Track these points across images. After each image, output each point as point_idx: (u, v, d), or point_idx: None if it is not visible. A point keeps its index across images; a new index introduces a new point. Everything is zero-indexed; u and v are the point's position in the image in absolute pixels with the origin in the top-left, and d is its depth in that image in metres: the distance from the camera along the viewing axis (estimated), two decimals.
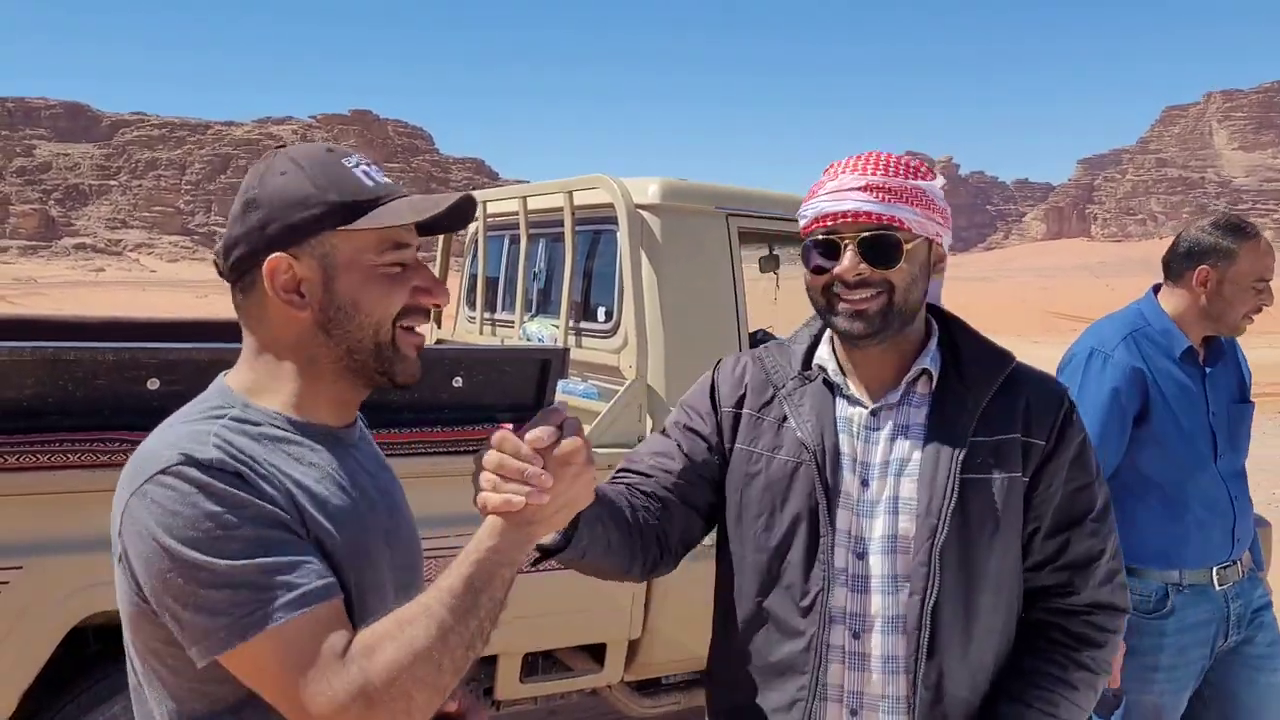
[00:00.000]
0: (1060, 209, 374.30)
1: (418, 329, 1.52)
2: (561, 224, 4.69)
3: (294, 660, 1.27)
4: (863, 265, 1.82)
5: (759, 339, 6.11)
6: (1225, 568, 3.18)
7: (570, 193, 4.62)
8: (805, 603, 1.88)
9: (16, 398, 3.00)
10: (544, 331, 4.94)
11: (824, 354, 1.98)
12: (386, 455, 3.55)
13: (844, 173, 1.86)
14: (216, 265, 1.50)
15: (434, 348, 5.09)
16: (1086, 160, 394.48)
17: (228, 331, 4.79)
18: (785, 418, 1.96)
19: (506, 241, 5.57)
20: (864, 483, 1.89)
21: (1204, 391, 3.18)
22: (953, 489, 1.81)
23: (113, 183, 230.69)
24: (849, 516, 1.88)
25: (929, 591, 1.81)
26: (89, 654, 3.30)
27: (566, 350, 3.97)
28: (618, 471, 2.04)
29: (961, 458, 1.82)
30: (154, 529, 1.29)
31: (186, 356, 3.15)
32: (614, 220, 4.36)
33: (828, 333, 1.99)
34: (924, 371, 1.91)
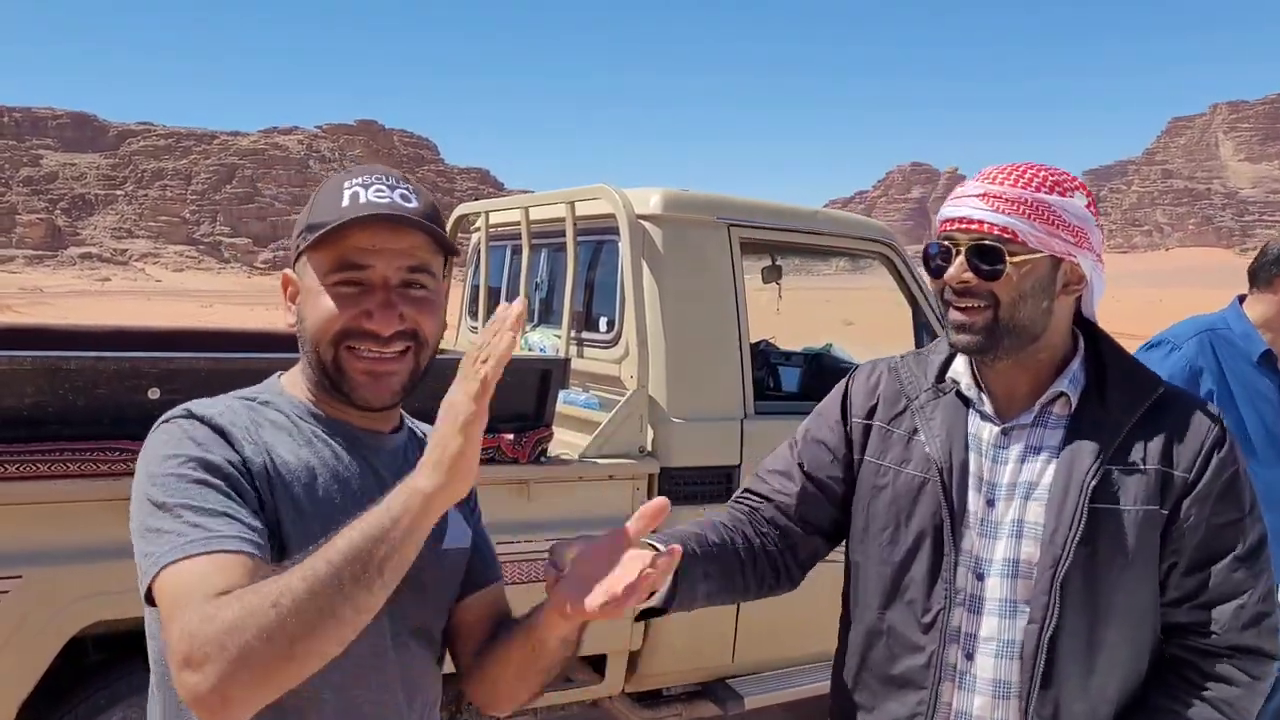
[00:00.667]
0: None
1: (369, 353, 1.49)
2: (563, 234, 4.69)
3: (174, 596, 1.28)
4: (967, 273, 1.79)
5: (761, 350, 6.11)
6: None
7: (572, 203, 4.62)
8: (927, 619, 1.87)
9: (17, 406, 3.00)
10: (546, 341, 4.94)
11: (959, 367, 1.95)
12: None
13: (974, 180, 1.85)
14: None
15: (436, 358, 5.09)
16: (1092, 171, 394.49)
17: (230, 341, 4.80)
18: (916, 430, 1.93)
19: (508, 252, 5.57)
20: (989, 503, 1.85)
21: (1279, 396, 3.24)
22: (1080, 517, 1.75)
23: (119, 192, 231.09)
24: (972, 537, 1.85)
25: (1048, 620, 1.77)
26: (88, 664, 3.30)
27: (567, 360, 3.98)
28: (743, 491, 2.10)
29: (1093, 486, 1.76)
30: (141, 464, 1.45)
31: (188, 366, 3.15)
32: (616, 231, 4.36)
33: None
34: (1061, 394, 1.85)
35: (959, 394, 1.93)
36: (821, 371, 5.88)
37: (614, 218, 4.32)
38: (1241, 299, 3.40)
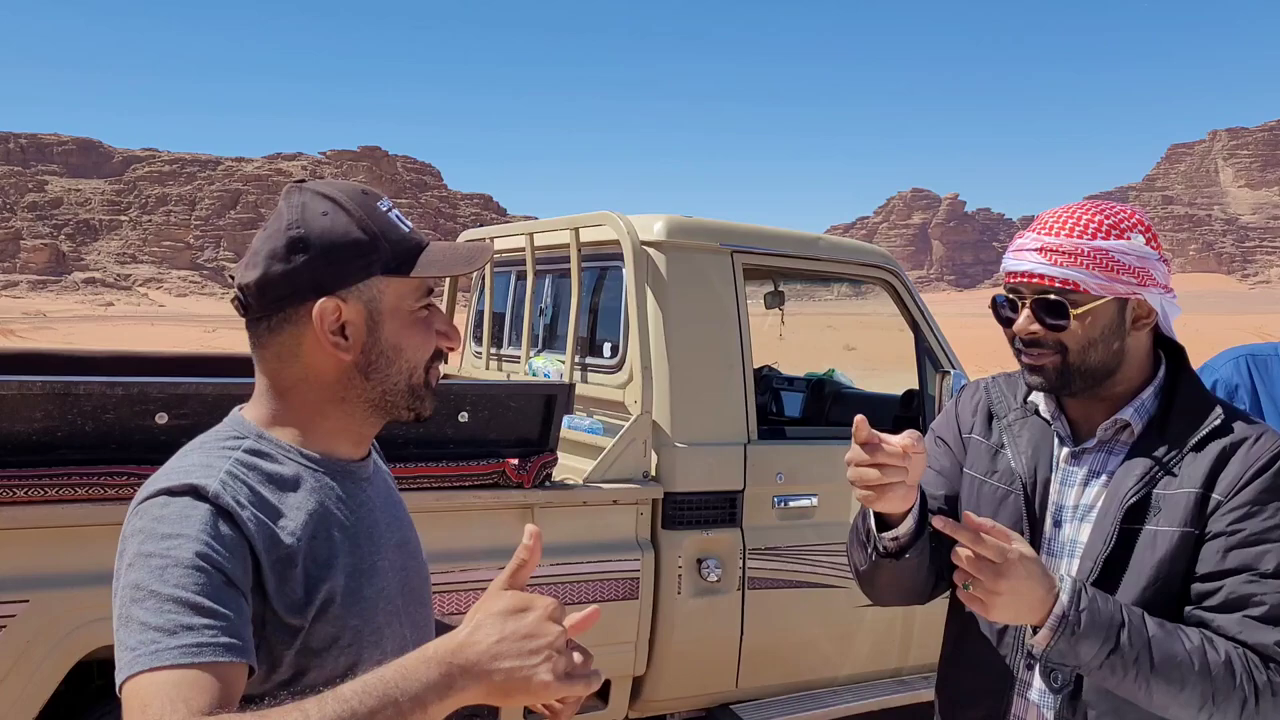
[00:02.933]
0: None
1: (438, 368, 1.57)
2: (568, 260, 4.72)
3: (142, 707, 1.17)
4: (1034, 325, 1.87)
5: (764, 375, 6.13)
6: None
7: (577, 230, 4.65)
8: (998, 628, 1.97)
9: (26, 431, 3.02)
10: (550, 367, 4.95)
11: (1039, 393, 2.03)
12: None
13: (1031, 231, 1.91)
14: (239, 300, 1.46)
15: (440, 382, 5.12)
16: (1092, 197, 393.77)
17: (235, 366, 4.82)
18: (1003, 446, 2.04)
19: (513, 278, 5.60)
20: (1056, 524, 1.95)
21: None
22: (1113, 535, 1.83)
23: (123, 218, 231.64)
24: (1042, 555, 1.92)
25: None
26: (92, 689, 3.30)
27: (571, 386, 3.99)
28: None
29: (1129, 505, 1.83)
30: (132, 539, 1.30)
31: (194, 391, 3.17)
32: (620, 257, 4.39)
33: None
34: (1126, 423, 1.92)
35: (1039, 415, 2.03)
36: (823, 397, 5.90)
37: (618, 244, 4.35)
38: None
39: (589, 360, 4.78)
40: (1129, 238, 1.86)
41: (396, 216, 1.49)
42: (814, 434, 5.20)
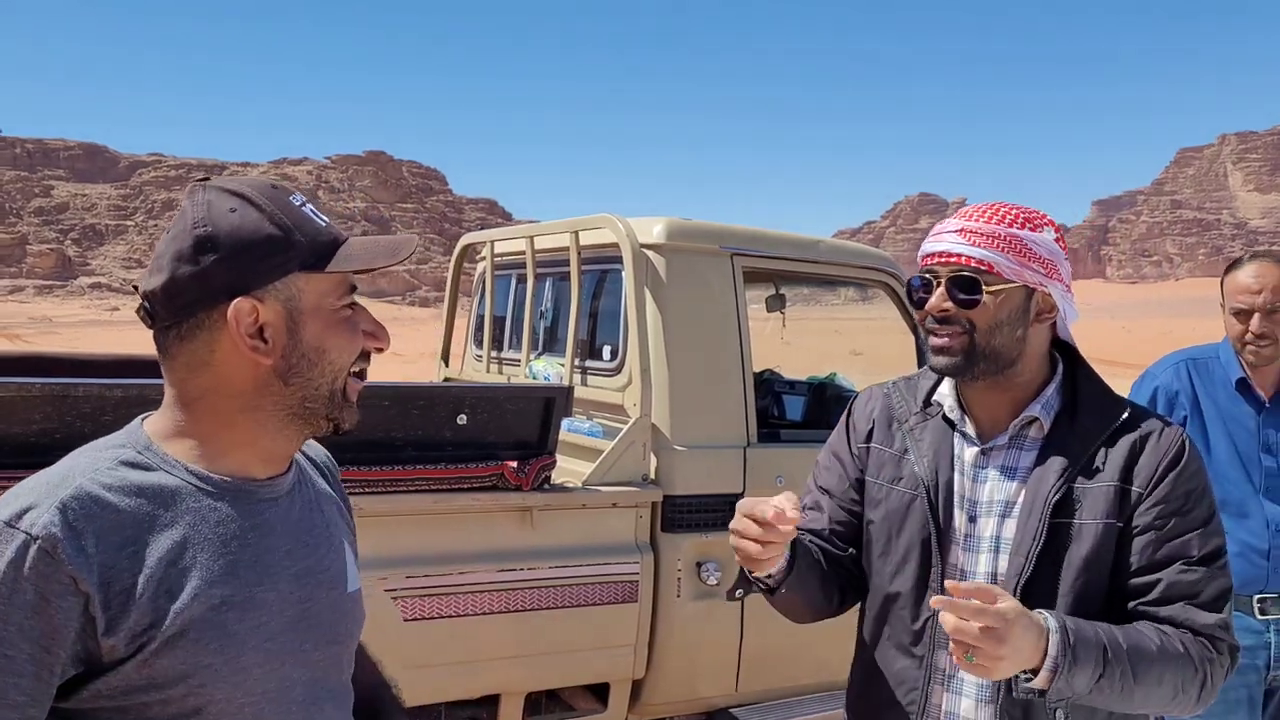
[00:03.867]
0: (1075, 250, 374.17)
1: (361, 372, 1.47)
2: (568, 263, 4.72)
3: None
4: (947, 302, 1.95)
5: (765, 379, 6.12)
6: (1271, 599, 3.27)
7: (577, 232, 4.65)
8: (916, 627, 2.03)
9: (24, 433, 3.02)
10: (550, 370, 4.96)
11: (944, 390, 2.11)
12: (388, 492, 3.53)
13: (951, 217, 2.02)
14: (145, 309, 1.37)
15: (439, 385, 5.12)
16: (1101, 201, 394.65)
17: None
18: (906, 450, 2.10)
19: (514, 281, 5.60)
20: (971, 519, 2.02)
21: (1258, 423, 3.33)
22: (1042, 531, 1.91)
23: (129, 223, 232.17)
24: (957, 551, 2.02)
25: None
26: None
27: (570, 388, 3.99)
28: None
29: (1055, 501, 1.91)
30: None
31: None
32: (620, 260, 4.38)
33: None
34: (1034, 418, 2.00)
35: (944, 417, 2.09)
36: (825, 401, 5.89)
37: (618, 247, 4.35)
38: None
39: (589, 363, 4.78)
40: (1041, 231, 1.97)
41: (311, 210, 1.41)
42: (814, 437, 5.18)
